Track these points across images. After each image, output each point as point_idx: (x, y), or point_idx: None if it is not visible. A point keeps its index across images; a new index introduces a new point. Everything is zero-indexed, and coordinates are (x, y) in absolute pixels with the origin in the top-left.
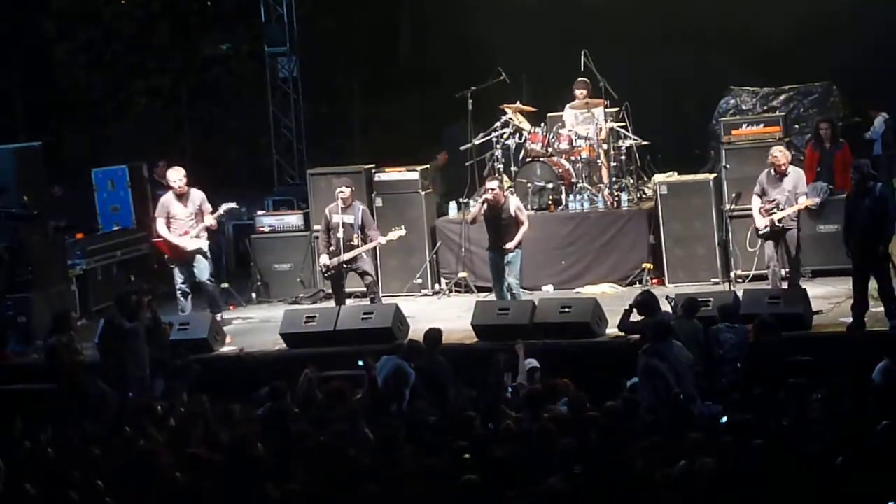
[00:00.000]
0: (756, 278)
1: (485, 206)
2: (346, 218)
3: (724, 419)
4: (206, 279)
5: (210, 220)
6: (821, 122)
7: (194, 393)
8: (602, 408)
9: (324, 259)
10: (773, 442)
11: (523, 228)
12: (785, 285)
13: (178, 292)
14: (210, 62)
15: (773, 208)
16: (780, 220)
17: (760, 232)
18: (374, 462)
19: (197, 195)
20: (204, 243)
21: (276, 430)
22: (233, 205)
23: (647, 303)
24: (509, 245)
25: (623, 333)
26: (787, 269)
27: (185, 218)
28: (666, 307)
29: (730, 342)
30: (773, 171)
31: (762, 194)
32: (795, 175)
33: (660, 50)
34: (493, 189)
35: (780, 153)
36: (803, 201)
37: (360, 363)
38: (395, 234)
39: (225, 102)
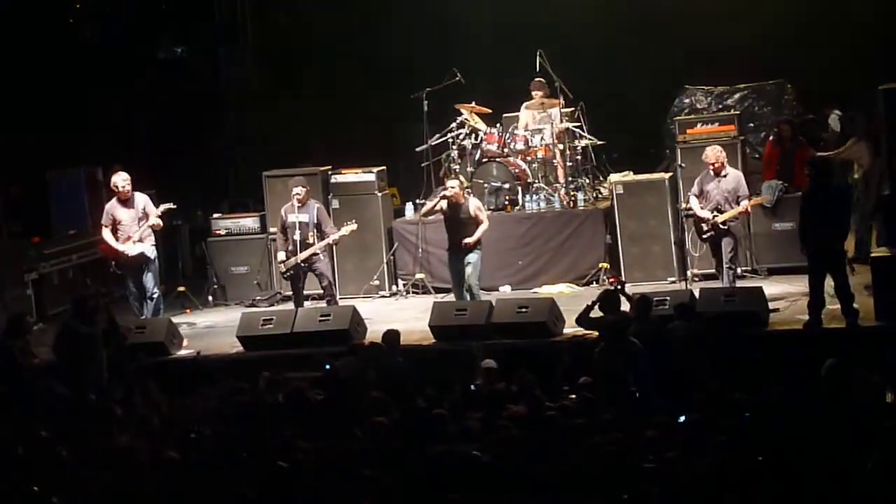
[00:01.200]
0: (712, 277)
1: (443, 203)
2: (301, 217)
3: (683, 417)
4: (151, 289)
5: (153, 220)
6: (781, 124)
7: (152, 395)
8: (559, 407)
9: (281, 257)
10: (732, 439)
11: (483, 227)
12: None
13: (130, 297)
14: (165, 65)
15: (713, 210)
16: (723, 223)
17: (704, 235)
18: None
19: (140, 199)
20: (148, 248)
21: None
22: (170, 204)
23: (609, 299)
24: (468, 240)
25: (581, 328)
26: (727, 261)
27: (130, 223)
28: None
29: (682, 340)
30: (710, 171)
31: (699, 194)
32: (735, 176)
33: (614, 49)
34: (453, 188)
35: (713, 153)
36: (744, 204)
37: (328, 367)
38: (346, 229)
39: (180, 106)
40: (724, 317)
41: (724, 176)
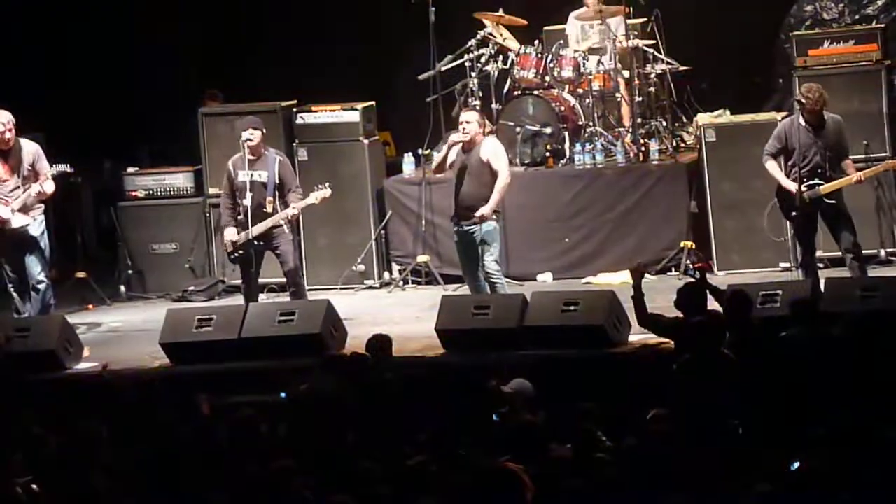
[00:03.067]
0: (840, 262)
1: (455, 149)
2: (256, 175)
3: (797, 464)
4: (37, 276)
5: (37, 188)
6: None
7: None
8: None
9: (230, 234)
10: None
11: (500, 182)
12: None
13: (10, 287)
14: None
15: (810, 175)
16: (828, 195)
17: (795, 213)
18: None
19: (29, 150)
20: (34, 221)
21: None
22: (65, 167)
23: (690, 295)
24: (482, 211)
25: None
26: (847, 250)
27: (10, 183)
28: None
29: (804, 353)
30: (802, 118)
31: (781, 153)
32: (836, 126)
33: None
34: (468, 122)
35: (811, 92)
36: (853, 170)
37: (283, 395)
38: (315, 197)
39: (75, 10)
40: (862, 319)
41: (822, 125)
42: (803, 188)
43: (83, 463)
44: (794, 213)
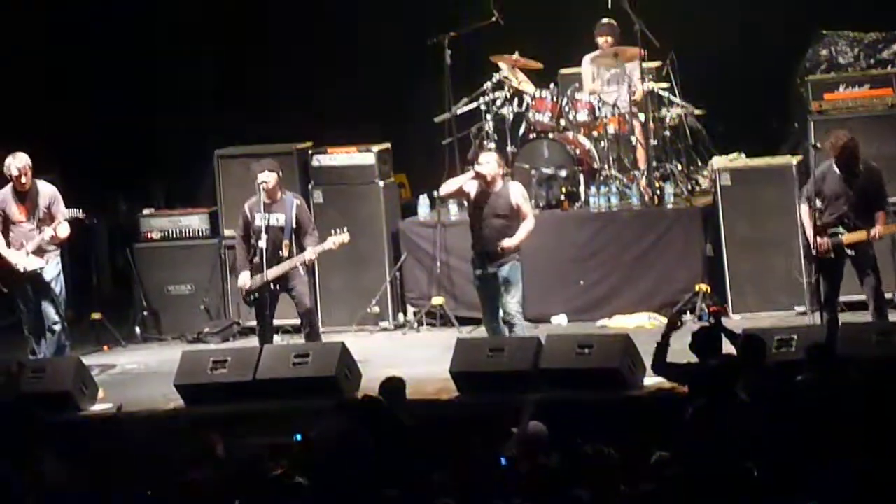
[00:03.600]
0: (861, 306)
1: (472, 184)
2: (273, 218)
3: None
4: (53, 316)
5: (51, 231)
6: None
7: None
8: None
9: (244, 278)
10: None
11: (527, 225)
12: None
13: (25, 328)
14: None
15: (835, 223)
16: (849, 245)
17: (822, 258)
18: None
19: (45, 192)
20: (48, 264)
21: None
22: (77, 213)
23: (703, 340)
24: (507, 242)
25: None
26: (871, 298)
27: (27, 225)
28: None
29: (820, 398)
30: (836, 165)
31: (815, 197)
32: (870, 174)
33: None
34: (488, 163)
35: (836, 138)
36: (877, 229)
37: (299, 438)
38: (333, 242)
39: (92, 42)
40: (878, 365)
41: (857, 174)
42: (825, 240)
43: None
44: (820, 259)
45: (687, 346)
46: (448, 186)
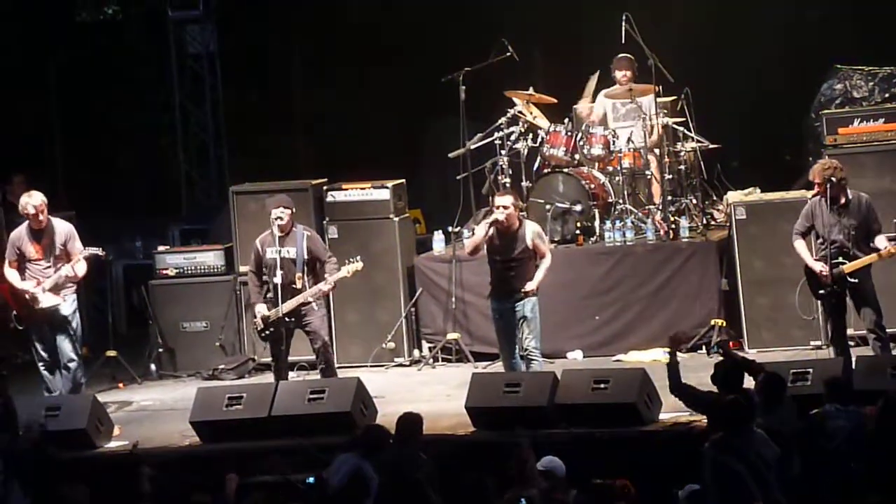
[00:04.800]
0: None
1: (492, 230)
2: (285, 251)
3: None
4: (69, 355)
5: (68, 269)
6: None
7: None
8: None
9: (261, 310)
10: None
11: (546, 263)
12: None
13: (41, 365)
14: (89, 32)
15: (834, 255)
16: (852, 273)
17: (822, 291)
18: None
19: (62, 230)
20: (64, 301)
21: None
22: (97, 251)
23: (725, 373)
24: (529, 286)
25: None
26: (870, 330)
27: (43, 263)
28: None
29: (842, 431)
30: (824, 198)
31: (809, 232)
32: (860, 203)
33: (735, 11)
34: (505, 207)
35: (823, 170)
36: (884, 245)
37: (311, 481)
38: (347, 270)
39: (111, 89)
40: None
41: (846, 204)
42: (827, 267)
43: None
44: (822, 292)
45: (704, 381)
46: (471, 243)
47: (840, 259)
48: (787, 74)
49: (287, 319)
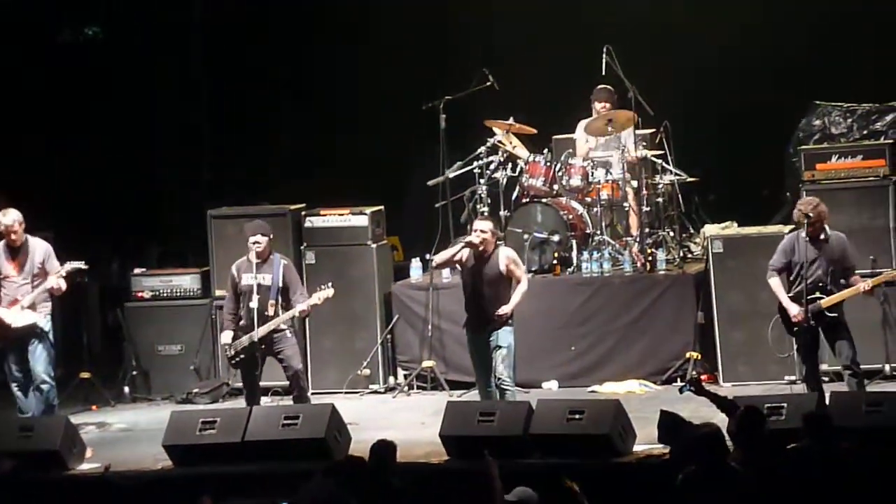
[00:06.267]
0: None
1: (464, 252)
2: (261, 278)
3: None
4: (42, 374)
5: (52, 281)
6: None
7: None
8: None
9: (226, 337)
10: None
11: (522, 288)
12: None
13: (14, 385)
14: (67, 52)
15: (811, 290)
16: (830, 309)
17: (796, 328)
18: None
19: (39, 249)
20: (42, 318)
21: None
22: (80, 264)
23: (670, 428)
24: (503, 309)
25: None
26: (845, 367)
27: (19, 280)
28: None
29: (817, 467)
30: (805, 233)
31: (786, 268)
32: (839, 241)
33: (714, 46)
34: (483, 231)
35: (812, 207)
36: (862, 282)
37: None
38: (318, 297)
39: (89, 110)
40: (870, 435)
41: (825, 240)
42: (802, 310)
43: None
44: (796, 329)
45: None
46: (441, 256)
47: (817, 294)
48: (765, 110)
49: (260, 345)
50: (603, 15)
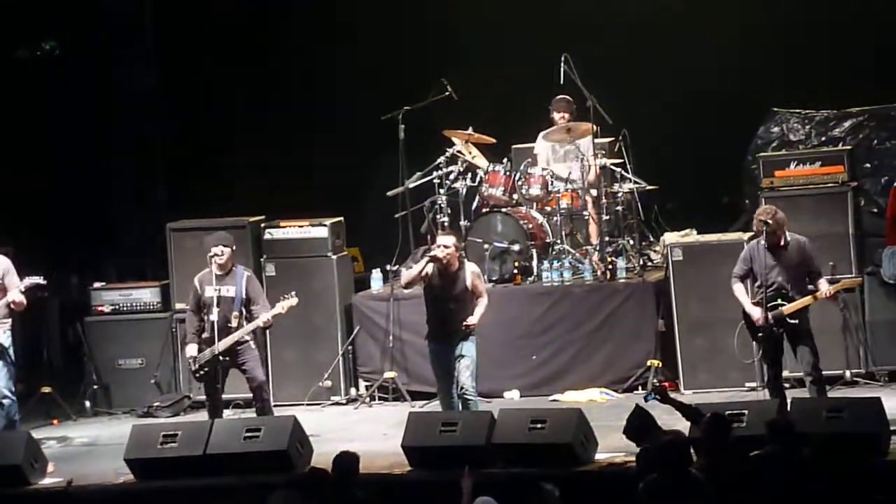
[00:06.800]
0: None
1: (429, 267)
2: (224, 290)
3: None
4: (2, 389)
5: (12, 296)
6: None
7: None
8: None
9: (191, 350)
10: None
11: (483, 302)
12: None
13: None
14: (25, 67)
15: (773, 297)
16: (791, 315)
17: (761, 334)
18: None
19: None
20: (1, 333)
21: None
22: (38, 279)
23: (638, 427)
24: (471, 320)
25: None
26: (807, 373)
27: None
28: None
29: (781, 475)
30: (764, 241)
31: (748, 276)
32: (798, 247)
33: (672, 55)
34: (447, 246)
35: (769, 215)
36: (825, 288)
37: None
38: (282, 307)
39: (46, 125)
40: (830, 441)
41: (784, 247)
42: (763, 314)
43: None
44: (760, 335)
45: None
46: (407, 276)
47: (779, 301)
48: (724, 117)
49: (222, 358)
50: (560, 24)
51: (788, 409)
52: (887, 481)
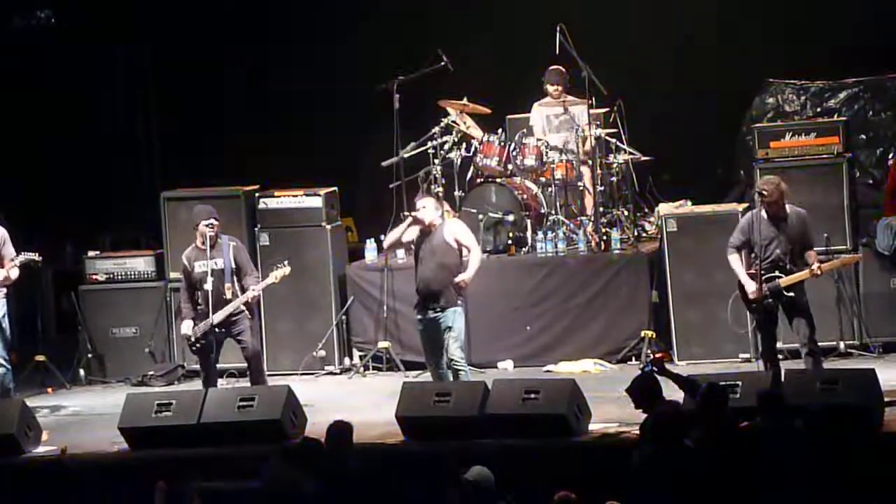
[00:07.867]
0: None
1: (414, 231)
2: (213, 263)
3: None
4: None
5: (3, 272)
6: None
7: None
8: None
9: (186, 327)
10: None
11: (475, 254)
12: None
13: None
14: (20, 36)
15: (770, 268)
16: (788, 288)
17: (755, 304)
18: None
19: None
20: None
21: None
22: (32, 255)
23: (645, 390)
24: (462, 277)
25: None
26: (803, 345)
27: None
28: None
29: (773, 446)
30: (764, 212)
31: (745, 246)
32: (799, 218)
33: (668, 24)
34: (424, 208)
35: (773, 186)
36: (814, 259)
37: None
38: (275, 276)
39: (42, 93)
40: (824, 412)
41: (784, 218)
42: (758, 287)
43: None
44: (754, 306)
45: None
46: (390, 238)
47: (776, 273)
48: (719, 88)
49: (217, 330)
50: None
51: (782, 380)
52: (881, 451)
